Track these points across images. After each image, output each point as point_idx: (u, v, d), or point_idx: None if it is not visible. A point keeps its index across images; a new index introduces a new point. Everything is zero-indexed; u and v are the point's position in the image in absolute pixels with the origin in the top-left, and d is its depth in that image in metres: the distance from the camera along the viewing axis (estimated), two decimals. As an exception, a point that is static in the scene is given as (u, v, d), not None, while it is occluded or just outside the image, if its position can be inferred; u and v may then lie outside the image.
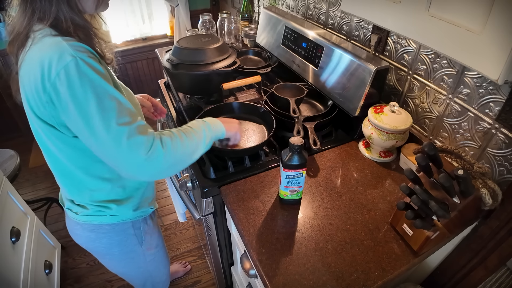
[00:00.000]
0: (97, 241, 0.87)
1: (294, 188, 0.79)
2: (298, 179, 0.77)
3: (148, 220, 0.96)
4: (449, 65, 0.83)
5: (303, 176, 0.76)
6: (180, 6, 2.46)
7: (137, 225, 0.92)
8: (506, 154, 0.74)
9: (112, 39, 0.85)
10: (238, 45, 1.73)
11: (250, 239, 0.75)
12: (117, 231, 0.87)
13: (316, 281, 0.66)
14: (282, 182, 0.78)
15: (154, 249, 1.02)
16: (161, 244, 1.07)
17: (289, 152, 0.73)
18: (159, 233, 1.06)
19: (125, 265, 0.98)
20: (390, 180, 0.91)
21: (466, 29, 0.54)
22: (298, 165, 0.74)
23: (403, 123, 0.88)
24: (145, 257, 0.99)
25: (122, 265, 0.99)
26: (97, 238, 0.87)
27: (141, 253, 0.97)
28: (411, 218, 0.67)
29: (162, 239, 1.10)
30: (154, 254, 1.03)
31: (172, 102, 1.30)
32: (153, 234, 1.00)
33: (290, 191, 0.79)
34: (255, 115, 1.10)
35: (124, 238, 0.90)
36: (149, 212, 0.95)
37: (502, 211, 0.74)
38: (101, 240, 0.87)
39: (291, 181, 0.77)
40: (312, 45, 1.16)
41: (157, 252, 1.04)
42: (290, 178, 0.76)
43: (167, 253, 1.15)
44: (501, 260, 0.78)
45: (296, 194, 0.81)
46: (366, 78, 0.94)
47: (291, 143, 0.72)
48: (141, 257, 0.98)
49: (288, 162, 0.73)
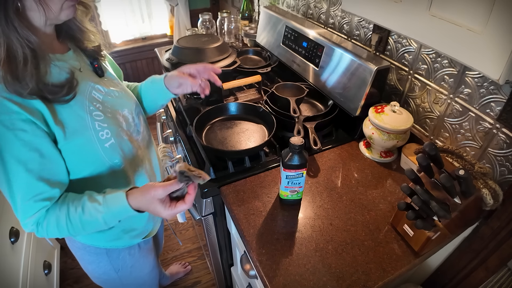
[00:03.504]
0: (73, 251, 0.85)
1: (294, 188, 0.78)
2: (299, 179, 0.76)
3: (135, 250, 0.89)
4: (450, 64, 0.83)
5: (303, 176, 0.76)
6: (180, 6, 2.46)
7: (115, 254, 0.85)
8: (507, 154, 0.74)
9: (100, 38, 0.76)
10: (238, 44, 1.73)
11: (250, 239, 0.74)
12: (88, 251, 0.83)
13: (317, 281, 0.66)
14: (282, 182, 0.78)
15: (139, 276, 0.94)
16: (148, 270, 0.98)
17: (289, 152, 0.73)
18: (149, 261, 0.97)
19: (101, 283, 0.93)
20: (391, 180, 0.91)
21: (467, 28, 0.54)
22: (299, 165, 0.73)
23: (404, 123, 0.88)
24: (121, 281, 0.92)
25: (98, 282, 0.93)
26: (72, 249, 0.85)
27: (117, 278, 0.90)
28: (412, 218, 0.67)
29: (155, 264, 1.03)
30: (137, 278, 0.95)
31: (172, 102, 1.29)
32: (139, 264, 0.92)
33: (290, 191, 0.79)
34: (255, 115, 1.09)
35: (96, 260, 0.84)
36: (133, 243, 0.87)
37: (503, 211, 0.74)
38: (75, 253, 0.86)
39: (291, 181, 0.76)
40: (312, 44, 1.15)
41: (143, 276, 0.97)
42: (290, 178, 0.76)
43: (157, 276, 1.08)
44: (502, 261, 0.78)
45: (297, 194, 0.80)
46: (367, 78, 0.93)
47: (292, 143, 0.71)
48: (117, 281, 0.91)
49: (289, 162, 0.73)
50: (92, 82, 0.69)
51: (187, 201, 0.61)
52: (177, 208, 0.60)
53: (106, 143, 0.67)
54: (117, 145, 0.70)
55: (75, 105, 0.63)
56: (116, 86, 0.77)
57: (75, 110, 0.63)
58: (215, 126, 1.07)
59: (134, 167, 0.77)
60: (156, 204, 0.59)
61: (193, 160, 0.97)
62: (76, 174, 0.66)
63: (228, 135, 1.02)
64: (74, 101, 0.63)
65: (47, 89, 0.58)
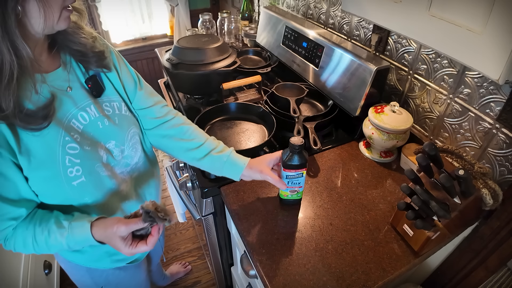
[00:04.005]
0: (58, 261, 0.84)
1: (294, 188, 0.79)
2: (299, 179, 0.76)
3: (120, 271, 0.83)
4: (450, 65, 0.83)
5: (303, 176, 0.76)
6: (180, 6, 2.46)
7: (97, 273, 0.81)
8: (507, 154, 0.74)
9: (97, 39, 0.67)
10: (238, 44, 1.73)
11: (250, 239, 0.74)
12: (70, 266, 0.80)
13: (317, 281, 0.66)
14: None
15: None
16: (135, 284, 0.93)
17: (289, 152, 0.73)
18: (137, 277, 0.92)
19: None
20: (391, 180, 0.91)
21: (467, 29, 0.54)
22: (299, 165, 0.73)
23: (403, 123, 0.88)
24: None
25: None
26: (57, 258, 0.83)
27: None
28: (411, 218, 0.67)
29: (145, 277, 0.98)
30: None
31: (172, 102, 1.29)
32: (125, 281, 0.87)
33: (290, 191, 0.79)
34: (255, 115, 1.09)
35: (78, 274, 0.82)
36: (116, 266, 0.82)
37: (503, 211, 0.74)
38: (60, 263, 0.84)
39: (291, 181, 0.76)
40: (312, 44, 1.16)
41: None
42: (290, 178, 0.76)
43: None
44: (502, 261, 0.78)
45: (297, 194, 0.81)
46: (367, 78, 0.93)
47: (291, 143, 0.71)
48: None
49: (289, 162, 0.73)
50: (78, 107, 0.62)
51: (148, 243, 0.59)
52: (137, 248, 0.59)
53: (74, 181, 0.61)
54: (89, 183, 0.63)
55: (47, 135, 0.57)
56: (112, 110, 0.68)
57: (46, 140, 0.57)
58: (215, 126, 1.07)
59: (115, 203, 0.71)
60: (117, 240, 0.57)
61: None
62: (44, 200, 0.63)
63: (228, 135, 1.02)
64: (47, 129, 0.56)
65: (20, 116, 0.51)
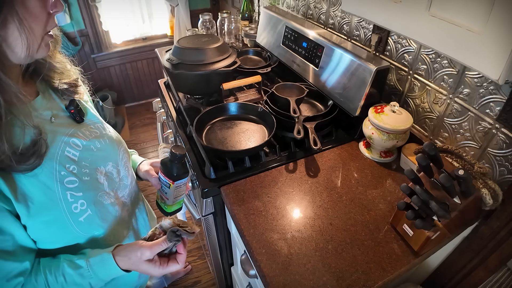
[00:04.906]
0: None
1: (162, 195, 0.76)
2: (165, 188, 0.72)
3: None
4: (450, 65, 0.83)
5: (170, 189, 0.70)
6: (180, 6, 2.46)
7: None
8: (507, 154, 0.74)
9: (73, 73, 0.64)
10: (238, 44, 1.73)
11: (250, 239, 0.74)
12: None
13: (317, 281, 0.66)
14: None
15: None
16: None
17: (169, 156, 0.69)
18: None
19: None
20: (391, 180, 0.91)
21: (467, 29, 0.54)
22: (168, 173, 0.69)
23: (403, 123, 0.88)
24: None
25: None
26: None
27: None
28: (411, 218, 0.67)
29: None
30: None
31: (172, 102, 1.30)
32: None
33: (160, 196, 0.76)
34: (255, 115, 1.09)
35: None
36: None
37: (503, 211, 0.74)
38: None
39: (162, 185, 0.73)
40: (312, 45, 1.16)
41: None
42: (161, 182, 0.72)
43: None
44: (502, 261, 0.78)
45: (164, 205, 0.76)
46: (367, 78, 0.93)
47: (171, 150, 0.67)
48: None
49: (162, 164, 0.70)
50: (67, 135, 0.58)
51: (180, 261, 0.59)
52: (169, 267, 0.58)
53: (81, 216, 0.57)
54: (95, 215, 0.60)
55: (41, 173, 0.51)
56: (98, 131, 0.65)
57: (41, 180, 0.51)
58: (215, 126, 1.07)
59: (120, 230, 0.69)
60: (144, 264, 0.56)
61: (194, 160, 0.98)
62: (46, 246, 0.57)
63: (228, 135, 1.03)
64: (40, 168, 0.50)
65: (15, 158, 0.45)
